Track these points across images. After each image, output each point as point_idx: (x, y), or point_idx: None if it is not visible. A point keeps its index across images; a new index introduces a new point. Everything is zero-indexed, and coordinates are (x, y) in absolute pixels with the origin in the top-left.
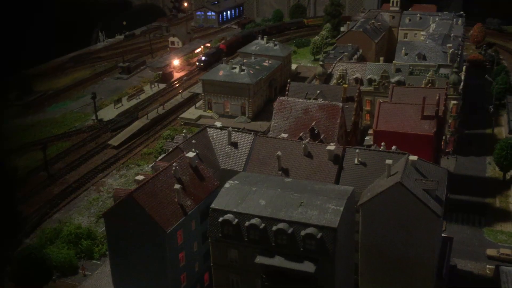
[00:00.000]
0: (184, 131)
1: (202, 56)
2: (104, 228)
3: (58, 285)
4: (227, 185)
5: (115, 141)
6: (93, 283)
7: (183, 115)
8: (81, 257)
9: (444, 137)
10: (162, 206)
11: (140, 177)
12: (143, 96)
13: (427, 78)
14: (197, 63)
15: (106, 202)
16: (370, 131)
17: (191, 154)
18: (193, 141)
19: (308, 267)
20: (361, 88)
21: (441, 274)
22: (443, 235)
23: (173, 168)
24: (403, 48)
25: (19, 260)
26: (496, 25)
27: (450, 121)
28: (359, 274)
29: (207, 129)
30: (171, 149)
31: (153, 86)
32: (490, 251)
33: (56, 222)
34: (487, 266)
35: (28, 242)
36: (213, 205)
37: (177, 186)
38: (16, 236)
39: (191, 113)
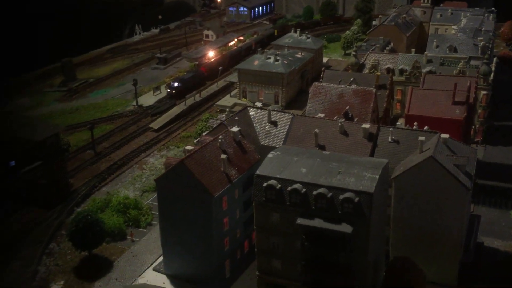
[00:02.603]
0: (227, 110)
1: (174, 81)
2: (148, 201)
3: (109, 248)
4: (270, 155)
5: (155, 124)
6: (141, 248)
7: (219, 103)
8: (129, 225)
9: (473, 127)
10: (209, 173)
11: (189, 147)
12: None
13: (458, 68)
14: (168, 90)
15: (149, 178)
16: (400, 120)
17: (234, 129)
18: (236, 118)
19: (345, 228)
20: (392, 77)
21: (468, 247)
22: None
23: (219, 140)
24: (435, 40)
25: (77, 221)
26: None
27: (479, 111)
28: (390, 245)
29: (248, 108)
30: (215, 125)
31: None
32: None
33: (104, 194)
34: None
35: (79, 211)
36: (257, 172)
37: (223, 156)
38: (68, 204)
39: (226, 100)
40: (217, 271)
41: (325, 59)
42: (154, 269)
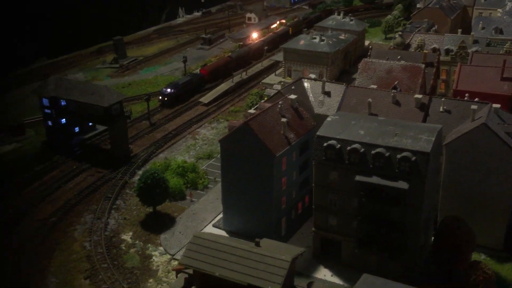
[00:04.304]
0: (282, 81)
1: (167, 87)
2: (203, 167)
3: (171, 206)
4: (329, 119)
5: (205, 99)
6: (200, 207)
7: (264, 81)
8: (187, 187)
9: None
10: (270, 135)
11: (251, 111)
12: None
13: (505, 49)
14: (160, 97)
15: (202, 147)
16: None
17: (292, 96)
18: (292, 87)
19: (402, 184)
20: (439, 56)
21: None
22: None
23: (279, 105)
24: (480, 22)
25: (146, 178)
26: None
27: None
28: (439, 210)
29: (302, 79)
30: (272, 94)
31: None
32: None
33: (162, 159)
34: None
35: (146, 170)
36: (318, 133)
37: (283, 119)
38: (130, 167)
39: (271, 79)
40: (274, 228)
41: (366, 43)
42: (214, 225)
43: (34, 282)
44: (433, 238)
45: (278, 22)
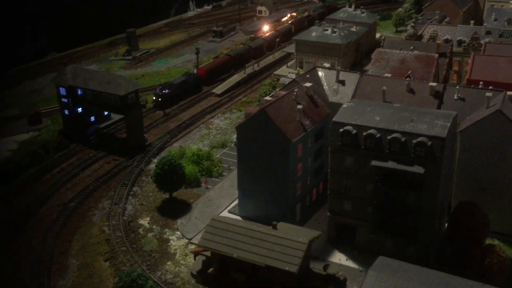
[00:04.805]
0: (297, 69)
1: (161, 88)
2: (217, 156)
3: (186, 193)
4: (344, 105)
5: (218, 90)
6: (215, 194)
7: (276, 72)
8: (202, 174)
9: None
10: (286, 121)
11: (268, 98)
12: None
13: None
14: (154, 97)
15: (216, 137)
16: None
17: (308, 84)
18: (307, 75)
19: (417, 169)
20: (452, 46)
21: None
22: None
23: (294, 93)
24: (493, 13)
25: (163, 164)
26: None
27: None
28: (453, 196)
29: (317, 68)
30: (287, 82)
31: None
32: None
33: (177, 148)
34: None
35: (163, 157)
36: (334, 119)
37: (299, 106)
38: (145, 155)
39: (283, 70)
40: (290, 214)
41: (377, 36)
42: (229, 211)
43: (56, 264)
44: (447, 223)
45: (288, 15)
